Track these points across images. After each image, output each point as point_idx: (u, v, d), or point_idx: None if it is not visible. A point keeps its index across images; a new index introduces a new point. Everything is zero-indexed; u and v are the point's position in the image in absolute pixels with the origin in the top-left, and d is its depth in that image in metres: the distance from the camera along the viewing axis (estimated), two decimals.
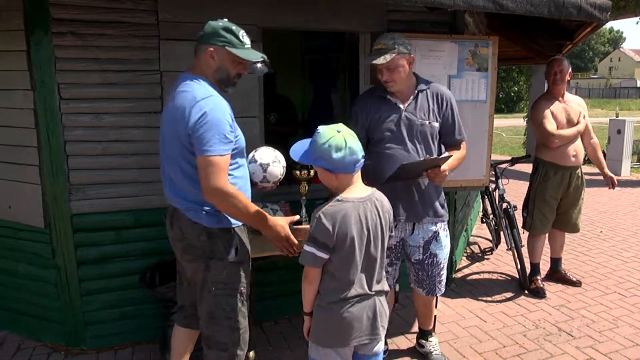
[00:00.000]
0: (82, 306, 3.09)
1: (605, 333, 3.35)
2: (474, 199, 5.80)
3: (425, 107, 2.69)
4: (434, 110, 2.71)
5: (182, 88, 2.11)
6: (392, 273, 2.83)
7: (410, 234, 2.77)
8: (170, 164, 2.16)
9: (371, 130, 2.68)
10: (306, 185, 3.16)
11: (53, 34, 2.79)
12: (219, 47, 2.15)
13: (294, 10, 3.26)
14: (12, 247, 3.20)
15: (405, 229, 2.77)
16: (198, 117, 2.00)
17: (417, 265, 2.81)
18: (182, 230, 2.16)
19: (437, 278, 2.84)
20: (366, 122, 2.70)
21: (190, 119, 2.00)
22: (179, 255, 2.27)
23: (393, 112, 2.67)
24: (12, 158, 3.06)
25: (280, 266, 3.49)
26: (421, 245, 2.76)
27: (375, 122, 2.68)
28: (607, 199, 7.53)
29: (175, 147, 2.09)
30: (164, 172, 2.23)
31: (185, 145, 2.05)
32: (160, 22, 2.96)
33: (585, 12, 3.22)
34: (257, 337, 3.23)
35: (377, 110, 2.68)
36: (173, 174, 2.16)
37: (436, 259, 2.79)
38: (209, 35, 2.17)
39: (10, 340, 3.25)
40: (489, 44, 3.63)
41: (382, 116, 2.67)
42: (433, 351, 3.05)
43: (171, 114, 2.10)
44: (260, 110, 3.30)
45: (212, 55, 2.15)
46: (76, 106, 2.91)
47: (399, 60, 2.58)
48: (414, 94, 2.70)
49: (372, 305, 1.98)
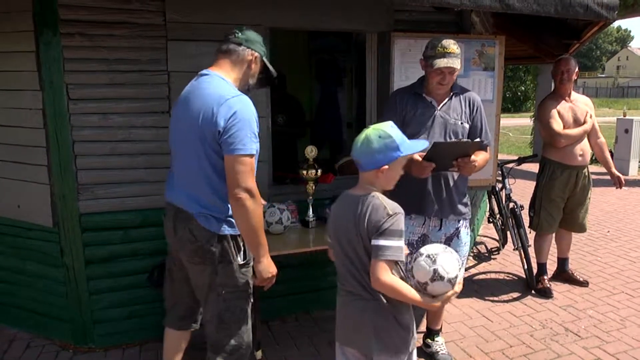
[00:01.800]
0: (90, 304, 3.12)
1: (613, 333, 3.34)
2: (481, 199, 5.79)
3: (458, 109, 2.76)
4: (466, 112, 2.77)
5: (205, 86, 2.09)
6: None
7: (437, 230, 2.80)
8: (187, 164, 2.13)
9: (405, 124, 2.70)
10: (313, 185, 3.17)
11: (62, 34, 2.81)
12: (259, 56, 2.20)
13: (300, 10, 3.27)
14: (21, 246, 3.23)
15: (429, 225, 2.79)
16: (230, 116, 1.98)
17: None
18: (193, 233, 2.12)
19: None
20: (402, 115, 2.74)
21: (219, 116, 1.98)
22: (186, 257, 2.21)
23: (428, 110, 2.73)
24: (21, 158, 3.08)
25: (286, 265, 3.50)
26: (442, 241, 2.79)
27: (410, 116, 2.72)
28: (614, 198, 7.49)
29: (197, 147, 2.05)
30: (177, 173, 2.20)
31: (210, 145, 2.02)
32: (167, 23, 2.98)
33: (593, 11, 3.21)
34: (264, 336, 3.25)
35: (413, 106, 2.73)
36: (190, 176, 2.12)
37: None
38: (254, 41, 2.20)
39: (20, 338, 3.28)
40: (496, 43, 3.63)
41: (418, 112, 2.73)
42: (440, 351, 3.05)
43: (194, 111, 2.06)
44: (267, 110, 3.31)
45: (255, 61, 2.20)
46: (84, 106, 2.93)
47: (459, 66, 2.64)
48: (449, 96, 2.76)
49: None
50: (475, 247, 5.21)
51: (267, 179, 3.37)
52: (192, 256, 2.17)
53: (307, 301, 3.64)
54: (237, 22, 3.10)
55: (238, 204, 2.01)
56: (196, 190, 2.11)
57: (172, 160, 2.26)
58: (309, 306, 3.65)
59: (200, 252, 2.13)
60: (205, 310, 2.23)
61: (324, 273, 3.64)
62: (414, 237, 2.79)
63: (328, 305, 3.68)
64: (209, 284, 2.16)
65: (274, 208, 2.99)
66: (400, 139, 1.86)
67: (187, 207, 2.14)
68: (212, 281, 2.15)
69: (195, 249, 2.13)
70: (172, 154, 2.25)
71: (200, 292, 2.23)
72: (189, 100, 2.13)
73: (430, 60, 2.60)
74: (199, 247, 2.12)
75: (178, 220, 2.18)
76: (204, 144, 2.03)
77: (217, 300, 2.16)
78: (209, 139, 2.02)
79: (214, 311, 2.18)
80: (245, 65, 2.18)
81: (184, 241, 2.16)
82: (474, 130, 2.81)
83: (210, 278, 2.14)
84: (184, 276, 2.31)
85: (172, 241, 2.26)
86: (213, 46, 3.06)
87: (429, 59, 2.61)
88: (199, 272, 2.18)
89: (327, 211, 3.22)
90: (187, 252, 2.18)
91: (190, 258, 2.19)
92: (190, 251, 2.16)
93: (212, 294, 2.16)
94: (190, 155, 2.09)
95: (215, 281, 2.14)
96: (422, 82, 2.79)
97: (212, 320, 2.20)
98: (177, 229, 2.19)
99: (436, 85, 2.67)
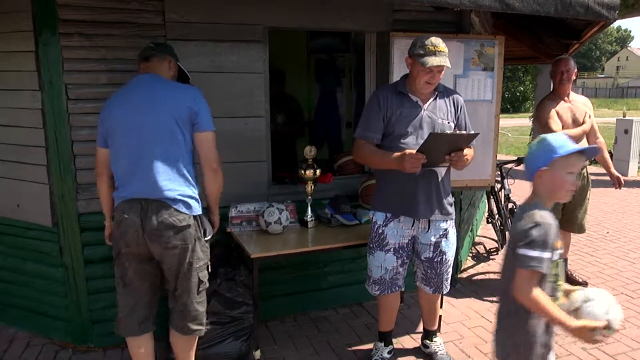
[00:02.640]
0: (89, 304, 3.12)
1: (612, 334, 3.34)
2: (480, 199, 5.79)
3: (444, 109, 2.71)
4: (451, 112, 2.73)
5: (157, 82, 2.42)
6: (402, 273, 2.84)
7: (425, 232, 2.76)
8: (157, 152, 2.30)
9: (391, 124, 2.66)
10: (312, 185, 3.17)
11: (61, 34, 2.81)
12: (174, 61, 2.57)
13: (299, 10, 3.27)
14: (20, 246, 3.23)
15: (418, 226, 2.75)
16: (199, 97, 2.39)
17: (426, 263, 2.82)
18: (174, 218, 2.29)
19: (444, 276, 2.85)
20: (387, 114, 2.67)
21: (189, 99, 2.36)
22: (162, 246, 2.29)
23: (415, 109, 2.67)
24: (20, 157, 3.09)
25: (285, 265, 3.51)
26: (432, 243, 2.77)
27: (397, 116, 2.66)
28: (613, 199, 7.49)
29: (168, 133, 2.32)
30: (141, 164, 2.30)
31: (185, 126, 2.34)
32: (166, 23, 2.98)
33: (593, 11, 3.20)
34: (262, 336, 3.25)
35: (399, 105, 2.67)
36: (165, 163, 2.30)
37: (445, 257, 2.81)
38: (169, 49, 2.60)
39: (19, 337, 3.28)
40: (495, 43, 3.63)
41: (404, 112, 2.66)
42: (438, 351, 3.05)
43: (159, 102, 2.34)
44: (266, 110, 3.31)
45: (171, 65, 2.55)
46: (83, 106, 2.93)
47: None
48: (434, 96, 2.71)
49: None
50: (474, 247, 5.21)
51: (266, 179, 3.37)
52: (171, 242, 2.28)
53: (306, 301, 3.64)
54: (236, 22, 3.12)
55: (217, 174, 2.46)
56: (168, 176, 2.31)
57: (127, 156, 2.34)
58: (308, 306, 3.65)
59: (181, 235, 2.31)
60: (182, 288, 2.40)
61: (323, 273, 3.65)
62: (404, 241, 2.76)
63: (327, 305, 3.70)
64: (189, 262, 2.36)
65: (272, 208, 2.99)
66: (560, 142, 1.81)
67: (160, 195, 2.28)
68: (192, 259, 2.36)
69: (176, 233, 2.29)
70: (127, 149, 2.34)
71: (177, 272, 2.37)
72: (143, 95, 2.37)
73: (419, 58, 2.53)
74: (181, 229, 2.31)
75: (150, 211, 2.27)
76: (180, 126, 2.33)
77: (194, 275, 2.39)
78: (185, 121, 2.34)
79: (190, 285, 2.40)
80: (169, 68, 2.54)
81: (162, 230, 2.27)
82: (458, 129, 2.76)
83: (190, 256, 2.36)
84: (141, 272, 2.41)
85: (136, 237, 2.30)
86: (212, 46, 3.10)
87: (418, 57, 2.53)
88: (177, 255, 2.32)
89: (325, 211, 3.22)
90: (166, 239, 2.28)
91: (168, 245, 2.29)
92: (170, 237, 2.28)
93: (190, 270, 2.37)
94: (159, 143, 2.31)
95: (193, 258, 2.37)
96: (405, 81, 2.72)
97: (188, 295, 2.41)
98: (148, 222, 2.27)
99: (424, 84, 2.60)
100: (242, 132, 3.25)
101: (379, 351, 3.02)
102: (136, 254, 2.36)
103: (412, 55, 2.60)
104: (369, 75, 3.73)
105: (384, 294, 2.85)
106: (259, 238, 2.97)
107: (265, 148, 3.34)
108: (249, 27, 3.17)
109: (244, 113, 3.25)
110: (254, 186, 3.33)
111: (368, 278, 2.88)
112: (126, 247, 2.34)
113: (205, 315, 2.52)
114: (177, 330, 2.48)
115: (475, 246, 5.25)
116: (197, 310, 2.46)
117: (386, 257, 2.76)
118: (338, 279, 3.70)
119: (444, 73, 2.63)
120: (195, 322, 2.47)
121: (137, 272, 2.40)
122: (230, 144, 3.21)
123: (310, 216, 3.19)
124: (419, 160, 2.47)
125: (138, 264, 2.39)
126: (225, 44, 3.13)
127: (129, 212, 2.30)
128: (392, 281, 2.82)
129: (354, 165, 3.75)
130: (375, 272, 2.81)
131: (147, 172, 2.29)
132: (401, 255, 2.78)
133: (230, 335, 2.89)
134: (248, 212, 3.11)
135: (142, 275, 2.42)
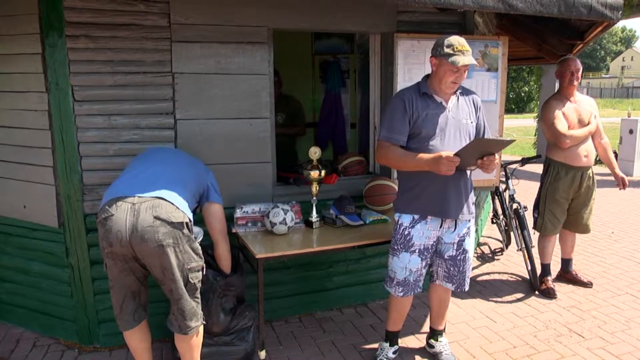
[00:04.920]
0: (95, 304, 3.14)
1: (617, 334, 3.34)
2: (484, 200, 5.79)
3: (465, 109, 2.72)
4: (471, 112, 2.75)
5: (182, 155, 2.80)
6: (425, 274, 2.85)
7: (451, 231, 2.78)
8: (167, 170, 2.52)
9: (417, 126, 2.64)
10: (317, 186, 3.18)
11: (67, 37, 2.83)
12: None
13: (304, 11, 3.28)
14: (26, 246, 3.25)
15: (444, 227, 2.76)
16: (213, 178, 2.79)
17: (449, 261, 2.83)
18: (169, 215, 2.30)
19: (467, 273, 2.88)
20: (413, 116, 2.65)
21: (206, 174, 2.77)
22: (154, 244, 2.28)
23: (440, 110, 2.67)
24: (27, 159, 3.11)
25: (290, 265, 3.52)
26: (456, 242, 2.79)
27: (423, 118, 2.64)
28: (618, 199, 7.47)
29: (184, 172, 2.58)
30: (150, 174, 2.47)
31: (195, 183, 2.62)
32: (172, 25, 3.00)
33: (596, 12, 3.20)
34: (267, 336, 3.26)
35: (424, 107, 2.66)
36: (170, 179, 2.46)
37: (467, 255, 2.84)
38: None
39: (26, 337, 3.30)
40: (499, 44, 3.63)
41: (430, 113, 2.65)
42: (443, 351, 3.05)
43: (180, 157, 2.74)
44: (270, 111, 3.32)
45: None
46: (89, 108, 2.95)
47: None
48: (456, 96, 2.72)
49: None
50: (479, 247, 5.20)
51: (271, 180, 3.38)
52: (163, 240, 2.28)
53: (311, 302, 3.65)
54: (241, 24, 3.14)
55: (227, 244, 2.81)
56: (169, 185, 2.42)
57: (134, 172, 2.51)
58: (313, 307, 3.66)
59: (173, 233, 2.31)
60: (174, 288, 2.39)
61: (328, 274, 3.66)
62: (429, 242, 2.75)
63: (332, 306, 3.71)
64: (182, 262, 2.36)
65: (277, 209, 3.00)
66: None
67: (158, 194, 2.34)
68: (184, 259, 2.37)
69: (169, 230, 2.30)
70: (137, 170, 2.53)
71: (168, 272, 2.36)
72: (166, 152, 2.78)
73: (448, 58, 2.52)
74: (175, 226, 2.31)
75: (142, 209, 2.28)
76: (193, 181, 2.59)
77: (186, 276, 2.40)
78: (199, 183, 2.63)
79: (183, 285, 2.40)
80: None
81: (157, 226, 2.27)
82: (478, 129, 2.79)
83: (182, 256, 2.36)
84: (126, 269, 2.43)
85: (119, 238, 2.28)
86: (217, 47, 3.11)
87: (447, 56, 2.52)
88: (168, 253, 2.30)
89: (330, 211, 3.23)
90: (162, 235, 2.27)
91: (159, 243, 2.28)
92: (166, 233, 2.28)
93: (183, 270, 2.38)
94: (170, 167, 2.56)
95: (185, 258, 2.37)
96: (427, 82, 2.72)
97: (182, 294, 2.41)
98: (139, 220, 2.26)
99: (450, 84, 2.60)
100: (247, 133, 3.26)
101: (384, 351, 3.03)
102: (119, 254, 2.35)
103: (438, 56, 2.59)
104: (374, 76, 3.74)
105: (407, 295, 2.84)
106: (264, 238, 2.98)
107: (270, 149, 3.35)
108: (254, 28, 3.18)
109: (249, 114, 3.26)
110: (259, 187, 3.34)
111: (390, 280, 2.85)
112: (109, 246, 2.33)
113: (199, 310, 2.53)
114: (176, 330, 2.50)
115: (480, 247, 5.24)
116: (194, 309, 2.49)
117: (411, 259, 2.75)
118: (343, 280, 3.71)
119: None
120: (192, 319, 2.49)
121: (123, 270, 2.42)
122: (235, 145, 3.23)
123: (315, 217, 3.19)
124: (455, 163, 2.46)
125: (124, 263, 2.40)
126: (230, 45, 3.14)
127: (116, 210, 2.30)
128: (416, 283, 2.81)
129: (358, 166, 3.76)
130: (399, 273, 2.79)
131: (151, 177, 2.44)
132: (425, 257, 2.78)
133: (235, 335, 2.91)
134: (253, 212, 3.12)
135: (127, 272, 2.44)
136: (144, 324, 2.61)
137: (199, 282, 2.49)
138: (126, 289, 2.49)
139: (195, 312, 2.50)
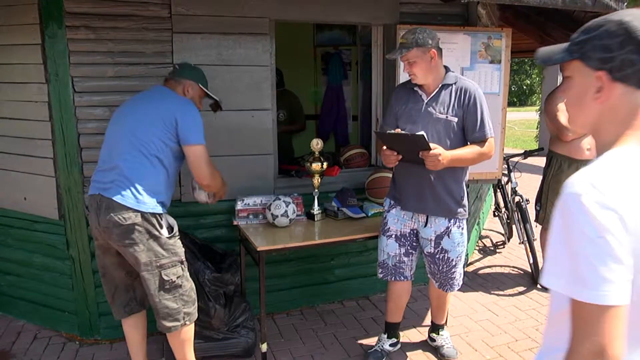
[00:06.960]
0: (96, 297, 3.13)
1: None
2: (486, 193, 5.77)
3: (446, 102, 2.65)
4: (454, 105, 2.64)
5: (160, 93, 2.49)
6: (409, 264, 2.83)
7: (423, 226, 2.76)
8: (128, 150, 2.32)
9: (399, 119, 2.72)
10: (319, 178, 3.17)
11: (67, 27, 2.81)
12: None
13: (305, 2, 3.25)
14: (27, 239, 3.24)
15: (417, 220, 2.77)
16: (186, 109, 2.40)
17: (429, 257, 2.82)
18: (118, 217, 2.25)
19: (448, 275, 2.82)
20: (397, 111, 2.74)
21: (175, 107, 2.37)
22: (117, 242, 2.31)
23: (417, 103, 2.69)
24: (27, 150, 3.09)
25: (291, 258, 3.51)
26: (432, 239, 2.76)
27: (402, 111, 2.72)
28: None
29: (149, 132, 2.33)
30: (113, 160, 2.34)
31: (166, 131, 2.34)
32: (173, 15, 2.97)
33: (601, 3, 3.18)
34: (269, 329, 3.26)
35: (406, 100, 2.72)
36: (131, 162, 2.31)
37: (447, 255, 2.77)
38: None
39: (27, 330, 3.30)
40: (502, 35, 3.60)
41: (408, 107, 2.71)
42: (445, 345, 3.05)
43: (151, 101, 2.42)
44: (272, 104, 3.31)
45: (187, 89, 2.55)
46: (90, 99, 2.93)
47: (415, 54, 2.55)
48: (438, 88, 2.67)
49: None
50: (481, 240, 5.20)
51: (272, 172, 3.37)
52: (122, 239, 2.28)
53: (312, 295, 3.65)
54: (242, 15, 3.11)
55: (209, 189, 2.58)
56: (127, 175, 2.30)
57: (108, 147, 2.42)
58: (314, 300, 3.66)
59: (128, 234, 2.27)
60: (147, 286, 2.36)
61: (330, 267, 3.65)
62: (405, 230, 2.79)
63: (333, 298, 3.70)
64: (148, 261, 2.31)
65: (279, 201, 2.99)
66: None
67: (110, 193, 2.28)
68: (150, 257, 2.31)
69: (123, 232, 2.27)
70: (109, 140, 2.44)
71: (138, 270, 2.35)
72: (141, 98, 2.48)
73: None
74: (127, 228, 2.26)
75: (103, 208, 2.29)
76: (164, 131, 2.35)
77: (154, 273, 2.33)
78: (169, 128, 2.35)
79: (154, 284, 2.34)
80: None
81: (111, 228, 2.27)
82: (468, 123, 2.64)
83: (147, 254, 2.30)
84: (115, 263, 2.45)
85: (98, 229, 2.35)
86: (218, 39, 3.09)
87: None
88: (132, 252, 2.30)
89: (332, 204, 3.22)
90: (117, 236, 2.28)
91: (121, 241, 2.29)
92: (120, 234, 2.27)
93: (148, 268, 2.32)
94: (135, 138, 2.33)
95: (152, 256, 2.31)
96: None
97: (154, 293, 2.35)
98: (101, 219, 2.29)
99: (409, 76, 2.65)
100: (248, 125, 3.25)
101: (380, 342, 3.03)
102: (105, 247, 2.41)
103: None
104: (376, 68, 3.71)
105: (387, 279, 2.87)
106: (266, 231, 2.97)
107: (272, 141, 3.34)
108: (255, 20, 3.16)
109: (251, 106, 3.24)
110: (261, 179, 3.32)
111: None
112: (95, 239, 2.42)
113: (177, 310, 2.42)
114: (158, 327, 2.47)
115: (482, 239, 5.23)
116: (168, 307, 2.39)
117: (388, 243, 2.80)
118: (344, 272, 3.70)
119: (423, 63, 2.58)
120: (167, 319, 2.41)
121: (112, 263, 2.46)
122: (237, 137, 3.21)
123: (317, 209, 3.18)
124: (389, 156, 2.56)
125: (111, 256, 2.44)
126: (231, 37, 3.12)
127: (90, 208, 2.38)
128: (396, 269, 2.81)
129: (360, 158, 3.74)
130: (379, 255, 2.88)
131: (112, 167, 2.34)
132: (404, 244, 2.78)
133: (236, 328, 2.91)
134: (255, 204, 3.11)
135: (116, 265, 2.46)
136: (139, 315, 2.62)
137: (178, 279, 2.39)
138: (117, 281, 2.52)
139: (169, 312, 2.39)
